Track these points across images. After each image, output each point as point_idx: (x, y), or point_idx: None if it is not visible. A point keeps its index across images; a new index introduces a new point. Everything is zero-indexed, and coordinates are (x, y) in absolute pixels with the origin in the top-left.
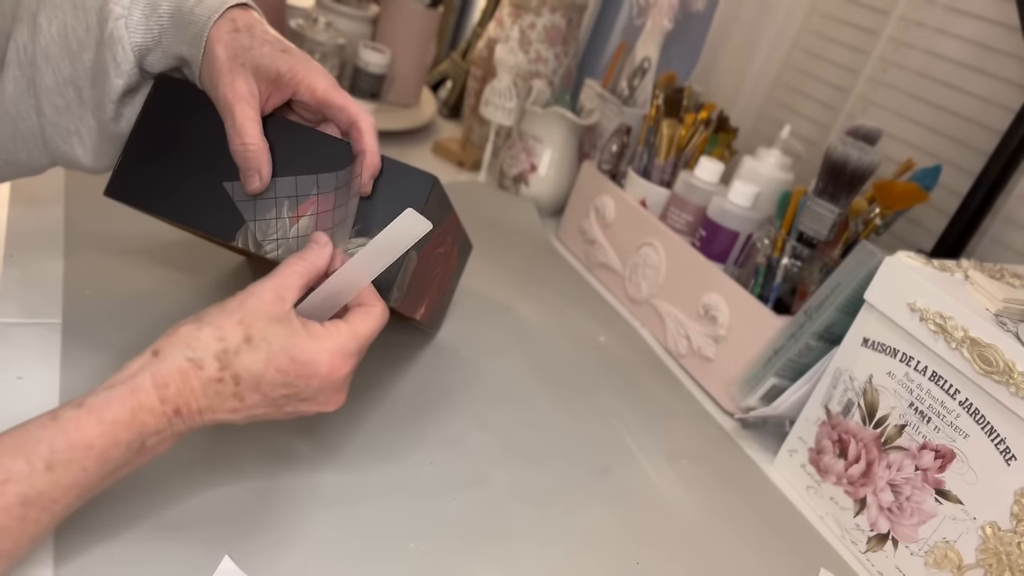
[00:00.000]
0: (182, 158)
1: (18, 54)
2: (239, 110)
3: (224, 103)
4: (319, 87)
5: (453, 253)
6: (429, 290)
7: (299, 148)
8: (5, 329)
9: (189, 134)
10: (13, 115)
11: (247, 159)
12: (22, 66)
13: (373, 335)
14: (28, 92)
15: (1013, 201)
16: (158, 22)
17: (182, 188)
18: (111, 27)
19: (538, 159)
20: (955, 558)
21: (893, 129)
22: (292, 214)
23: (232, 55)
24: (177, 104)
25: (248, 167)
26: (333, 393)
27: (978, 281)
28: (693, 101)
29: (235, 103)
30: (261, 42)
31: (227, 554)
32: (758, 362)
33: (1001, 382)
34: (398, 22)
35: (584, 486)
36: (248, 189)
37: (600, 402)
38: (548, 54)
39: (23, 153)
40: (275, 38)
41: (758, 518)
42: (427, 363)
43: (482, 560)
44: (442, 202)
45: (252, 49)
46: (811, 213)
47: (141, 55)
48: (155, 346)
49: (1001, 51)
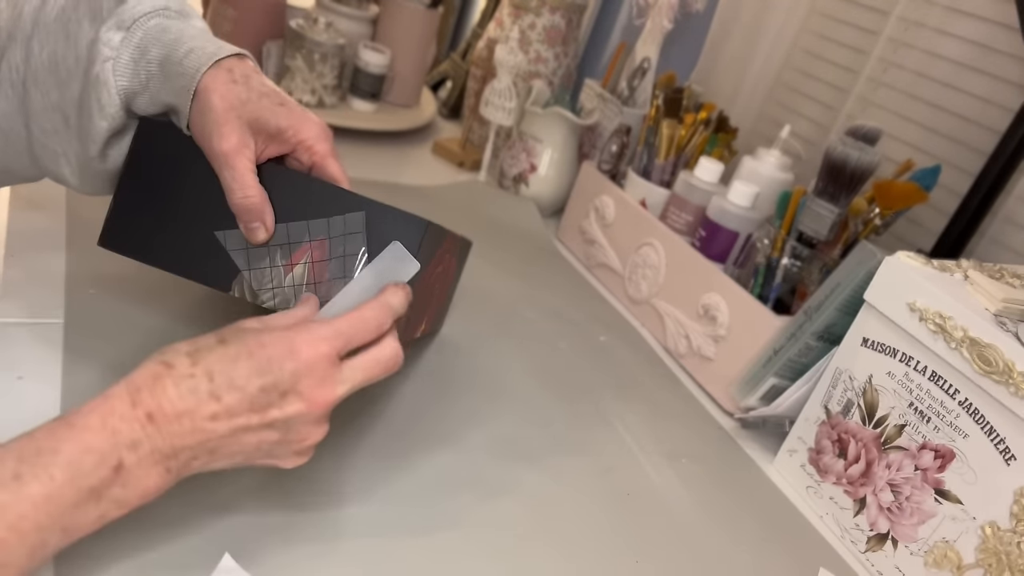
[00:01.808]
0: (172, 207)
1: (11, 74)
2: (238, 162)
3: (219, 155)
4: (318, 150)
5: (451, 265)
6: (428, 308)
7: (290, 194)
8: (6, 329)
9: (177, 181)
10: (5, 130)
11: (250, 212)
12: (14, 85)
13: (358, 335)
14: (19, 111)
15: (1013, 201)
16: (146, 68)
17: (175, 238)
18: (97, 69)
19: (538, 159)
20: (955, 558)
21: (893, 129)
22: (286, 262)
23: (228, 106)
24: (163, 149)
25: (251, 219)
26: (316, 386)
27: (978, 281)
28: (693, 101)
29: (233, 155)
30: (259, 95)
31: (227, 551)
32: (758, 362)
33: (1001, 382)
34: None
35: (584, 486)
36: (254, 241)
37: (600, 402)
38: (548, 54)
39: (16, 164)
40: (272, 90)
41: (758, 518)
42: (427, 362)
43: (482, 559)
44: (436, 236)
45: (250, 102)
46: (811, 213)
47: (127, 99)
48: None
49: (1001, 51)
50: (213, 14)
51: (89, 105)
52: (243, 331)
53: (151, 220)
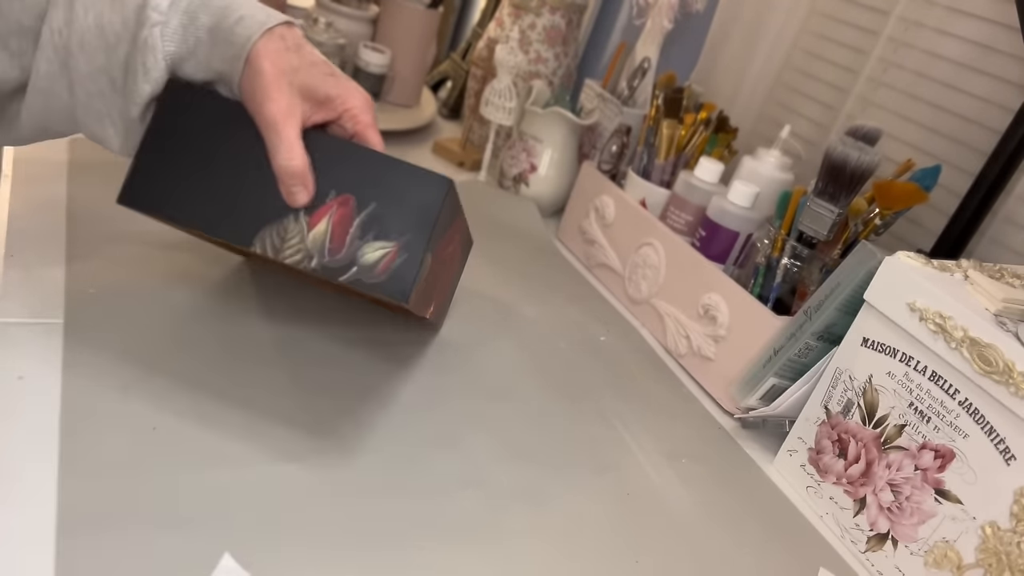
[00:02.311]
0: (197, 164)
1: (52, 37)
2: (286, 127)
3: (270, 119)
4: (362, 120)
5: (458, 252)
6: (437, 289)
7: (330, 158)
8: (6, 329)
9: (203, 139)
10: (45, 91)
11: (293, 176)
12: (56, 49)
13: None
14: (62, 74)
15: (1013, 201)
16: (195, 34)
17: (198, 195)
18: (146, 34)
19: (538, 159)
20: (955, 558)
21: (893, 129)
22: (308, 219)
23: (279, 72)
24: (189, 108)
25: (294, 182)
26: None
27: (978, 281)
28: (693, 101)
29: (282, 120)
30: (310, 63)
31: (227, 552)
32: (758, 362)
33: (1001, 382)
34: (398, 22)
35: (584, 486)
36: (293, 203)
37: (600, 402)
38: (548, 54)
39: (56, 124)
40: (322, 60)
41: (758, 518)
42: (427, 362)
43: (481, 559)
44: (455, 205)
45: (301, 70)
46: (811, 213)
47: (175, 64)
48: None
49: (1001, 51)
50: None
51: (135, 68)
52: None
53: (174, 177)
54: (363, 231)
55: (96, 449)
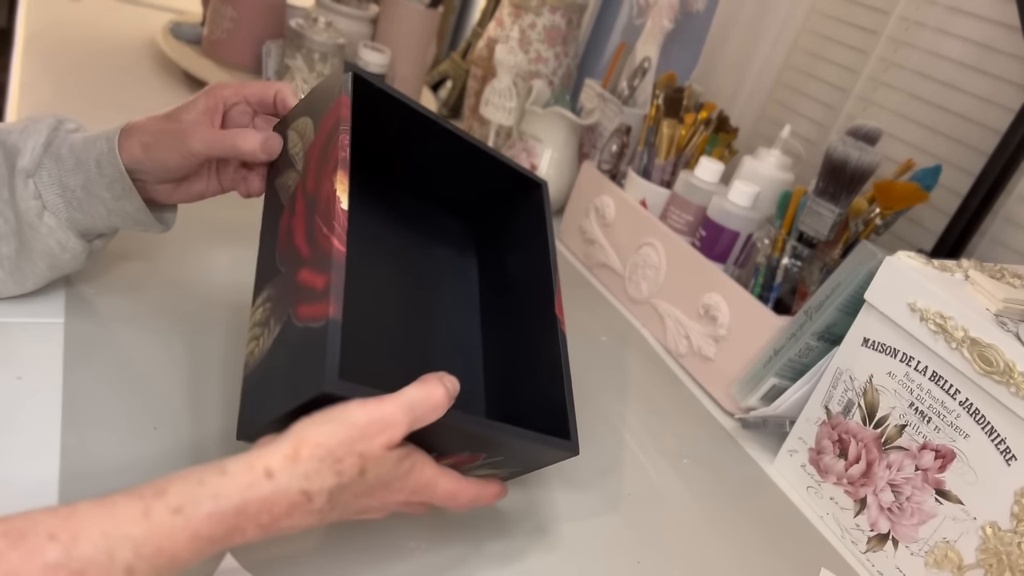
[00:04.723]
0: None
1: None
2: (236, 134)
3: (213, 140)
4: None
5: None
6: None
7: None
8: (6, 329)
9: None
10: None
11: (269, 146)
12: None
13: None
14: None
15: (1013, 201)
16: (74, 195)
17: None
18: (37, 223)
19: (538, 159)
20: (955, 558)
21: (893, 129)
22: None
23: (157, 124)
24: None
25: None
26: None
27: (978, 281)
28: (693, 101)
29: (208, 131)
30: (149, 120)
31: (228, 551)
32: (758, 362)
33: (1001, 382)
34: (398, 22)
35: (584, 486)
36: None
37: (600, 402)
38: (548, 54)
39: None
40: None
41: (758, 518)
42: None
43: (481, 559)
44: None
45: (156, 120)
46: (811, 213)
47: (79, 230)
48: (267, 463)
49: (1001, 51)
50: (213, 14)
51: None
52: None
53: None
54: None
55: (96, 449)
